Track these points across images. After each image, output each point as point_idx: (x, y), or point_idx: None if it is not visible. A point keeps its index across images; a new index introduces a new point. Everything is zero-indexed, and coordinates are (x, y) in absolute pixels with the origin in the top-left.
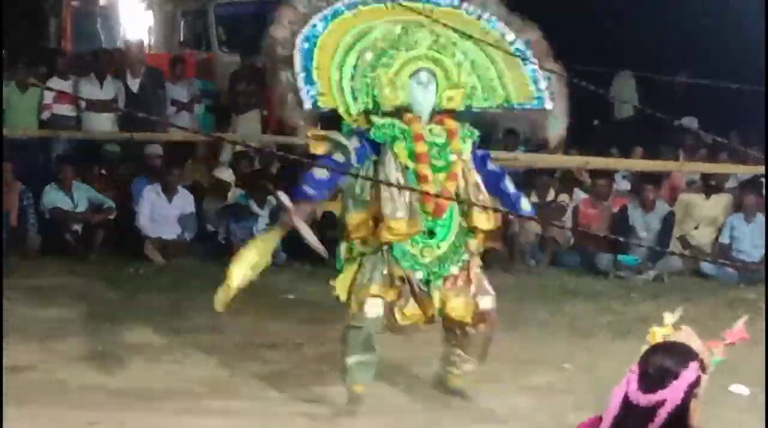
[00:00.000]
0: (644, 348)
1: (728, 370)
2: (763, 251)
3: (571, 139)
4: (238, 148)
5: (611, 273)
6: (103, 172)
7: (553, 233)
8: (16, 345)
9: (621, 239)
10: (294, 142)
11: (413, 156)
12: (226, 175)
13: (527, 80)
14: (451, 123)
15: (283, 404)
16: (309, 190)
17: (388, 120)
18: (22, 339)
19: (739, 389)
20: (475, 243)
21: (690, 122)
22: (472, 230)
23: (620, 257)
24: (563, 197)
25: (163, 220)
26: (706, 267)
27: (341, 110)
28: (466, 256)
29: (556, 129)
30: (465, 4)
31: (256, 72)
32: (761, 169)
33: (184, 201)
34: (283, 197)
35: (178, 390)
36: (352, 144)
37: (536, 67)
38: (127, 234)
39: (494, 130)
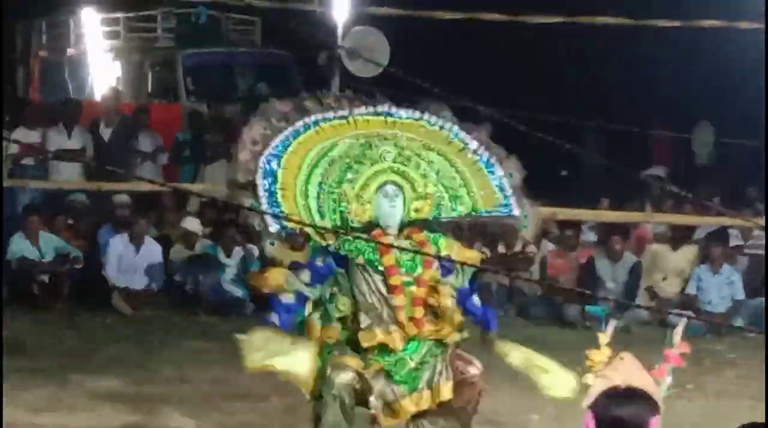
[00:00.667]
0: (589, 381)
1: (693, 422)
2: (729, 302)
3: (538, 191)
4: (205, 198)
5: (579, 324)
6: (70, 221)
7: (520, 284)
8: None
9: (588, 291)
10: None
11: (380, 272)
12: (194, 225)
13: (493, 187)
14: (419, 236)
15: None
16: (275, 320)
17: (350, 238)
18: None
19: None
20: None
21: (657, 172)
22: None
23: (588, 308)
24: (531, 248)
25: (130, 270)
26: (673, 318)
27: (310, 230)
28: (438, 367)
29: (529, 226)
30: (426, 115)
31: (224, 122)
32: (727, 221)
33: (152, 251)
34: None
35: None
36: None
37: (501, 174)
38: (95, 284)
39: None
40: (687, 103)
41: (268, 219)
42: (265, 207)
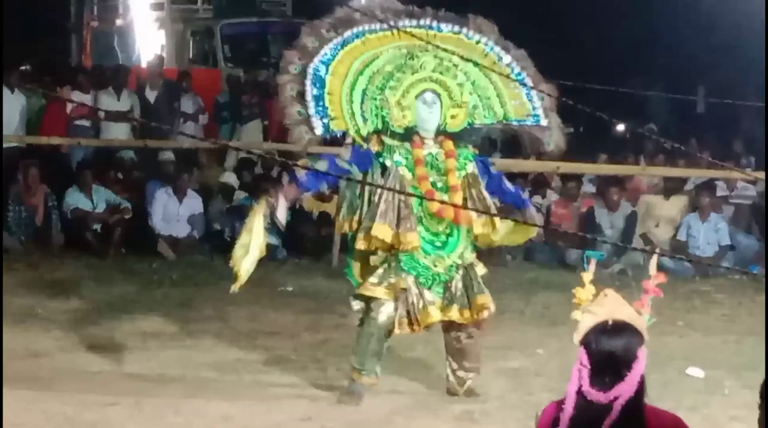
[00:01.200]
0: (580, 317)
1: (684, 355)
2: (716, 247)
3: None
4: (242, 154)
5: (579, 267)
6: (120, 176)
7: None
8: (40, 334)
9: (588, 236)
10: (292, 148)
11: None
12: (231, 179)
13: (523, 98)
14: (449, 144)
15: (284, 387)
16: (302, 179)
17: (396, 142)
18: (45, 328)
19: (695, 371)
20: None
21: (650, 129)
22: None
23: (588, 252)
24: (536, 198)
25: (174, 220)
26: (665, 261)
27: (352, 132)
28: (469, 260)
29: (553, 140)
30: (464, 29)
31: (259, 85)
32: (714, 173)
33: (194, 202)
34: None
35: (189, 374)
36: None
37: (531, 85)
38: (142, 233)
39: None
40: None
41: (315, 120)
42: (311, 110)
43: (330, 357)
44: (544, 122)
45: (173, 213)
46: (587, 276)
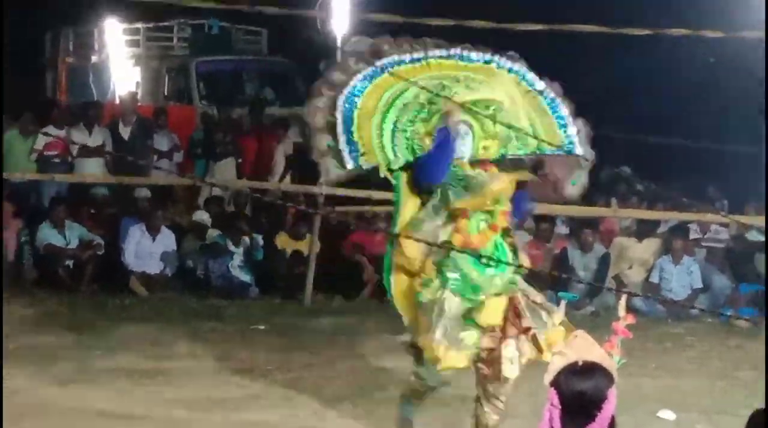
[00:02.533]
0: (551, 358)
1: (655, 398)
2: (689, 290)
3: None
4: (214, 192)
5: None
6: (93, 212)
7: None
8: (11, 369)
9: (564, 276)
10: (265, 186)
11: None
12: (203, 217)
13: (556, 127)
14: (494, 169)
15: (255, 426)
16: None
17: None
18: (17, 364)
19: (667, 414)
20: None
21: (624, 171)
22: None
23: (561, 294)
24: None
25: (147, 257)
26: (638, 303)
27: (383, 168)
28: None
29: (580, 179)
30: (496, 57)
31: (233, 123)
32: (688, 216)
33: (167, 239)
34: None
35: (159, 412)
36: None
37: (565, 114)
38: (114, 269)
39: None
40: (658, 107)
41: (345, 155)
42: (342, 145)
43: (301, 396)
44: (578, 151)
45: (146, 250)
46: (557, 317)
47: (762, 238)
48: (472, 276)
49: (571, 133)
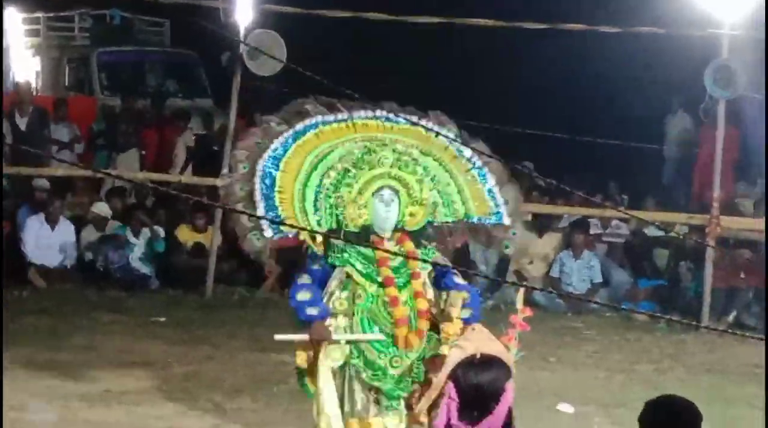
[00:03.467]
0: (448, 351)
1: (554, 391)
2: (589, 284)
3: None
4: (116, 184)
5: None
6: None
7: None
8: None
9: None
10: (167, 178)
11: (371, 279)
12: (103, 209)
13: (485, 196)
14: (409, 244)
15: (154, 419)
16: (313, 311)
17: (343, 245)
18: None
19: (565, 407)
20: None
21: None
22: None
23: None
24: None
25: (46, 248)
26: (538, 298)
27: (305, 235)
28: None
29: (513, 243)
30: (423, 121)
31: (135, 114)
32: (588, 211)
33: (66, 230)
34: (287, 337)
35: (58, 403)
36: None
37: (493, 183)
38: (12, 261)
39: None
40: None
41: (264, 223)
42: (261, 211)
43: (201, 389)
44: (506, 221)
45: (45, 241)
46: (455, 311)
47: (660, 233)
48: (372, 358)
49: (499, 202)
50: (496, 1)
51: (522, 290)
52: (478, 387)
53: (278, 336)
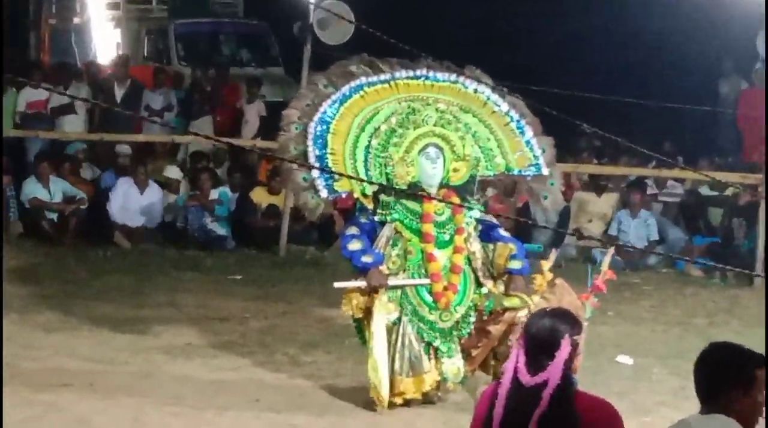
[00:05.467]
0: (536, 301)
1: (614, 344)
2: (646, 242)
3: None
4: (194, 148)
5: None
6: (76, 168)
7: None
8: None
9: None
10: (244, 143)
11: (420, 235)
12: (174, 173)
13: (524, 148)
14: (455, 199)
15: (232, 371)
16: (368, 259)
17: (392, 200)
18: (3, 313)
19: (625, 359)
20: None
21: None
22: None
23: (525, 245)
24: (476, 195)
25: (131, 210)
26: (597, 254)
27: (357, 193)
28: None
29: (552, 193)
30: (461, 79)
31: (209, 82)
32: (643, 171)
33: (154, 193)
34: (345, 284)
35: (141, 356)
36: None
37: (531, 135)
38: (98, 222)
39: None
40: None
41: (319, 183)
42: (315, 172)
43: (277, 342)
44: (545, 171)
45: (132, 203)
46: (546, 264)
47: (714, 193)
48: (423, 313)
49: (537, 153)
50: None
51: (610, 253)
52: (536, 335)
53: (338, 284)
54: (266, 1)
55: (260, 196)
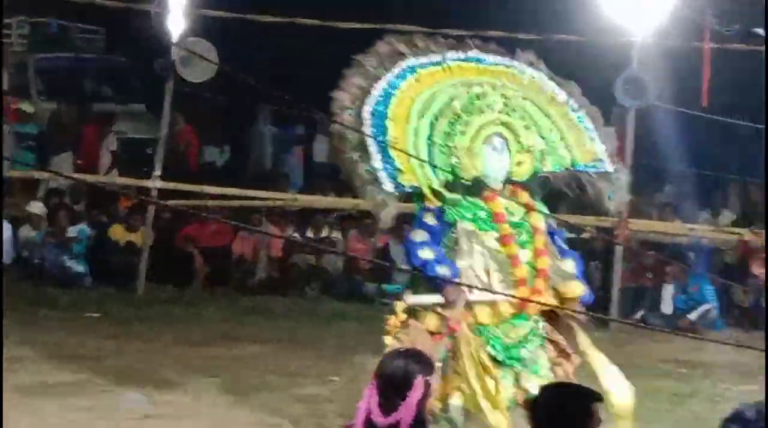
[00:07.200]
0: (388, 342)
1: None
2: None
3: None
4: (53, 185)
5: (376, 300)
6: None
7: (324, 264)
8: None
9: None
10: (103, 179)
11: (496, 238)
12: (38, 208)
13: (588, 140)
14: (525, 195)
15: (86, 411)
16: (443, 270)
17: (460, 198)
18: None
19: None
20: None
21: None
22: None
23: (384, 286)
24: (336, 234)
25: None
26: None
27: (424, 188)
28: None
29: (617, 192)
30: (515, 63)
31: (68, 118)
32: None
33: (4, 229)
34: (420, 298)
35: None
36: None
37: (592, 126)
38: None
39: None
40: None
41: (383, 176)
42: (378, 164)
43: (133, 381)
44: (610, 168)
45: None
46: (401, 305)
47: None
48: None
49: (601, 148)
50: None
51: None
52: (391, 376)
53: (411, 299)
54: (129, 37)
55: (118, 233)
